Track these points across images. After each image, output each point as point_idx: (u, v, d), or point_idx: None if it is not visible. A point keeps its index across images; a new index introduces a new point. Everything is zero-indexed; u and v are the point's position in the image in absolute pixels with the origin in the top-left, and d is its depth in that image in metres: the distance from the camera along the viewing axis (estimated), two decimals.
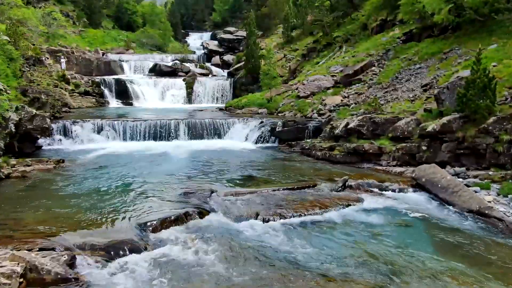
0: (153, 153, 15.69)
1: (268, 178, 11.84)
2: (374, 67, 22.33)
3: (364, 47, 25.42)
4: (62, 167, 12.83)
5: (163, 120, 18.87)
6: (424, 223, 8.70)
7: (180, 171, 12.53)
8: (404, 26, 25.32)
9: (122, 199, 9.41)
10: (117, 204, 9.02)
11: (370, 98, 19.11)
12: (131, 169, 12.65)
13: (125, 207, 8.78)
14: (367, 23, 30.62)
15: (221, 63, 40.15)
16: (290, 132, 18.08)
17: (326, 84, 22.82)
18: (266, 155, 15.72)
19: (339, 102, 20.40)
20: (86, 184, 10.74)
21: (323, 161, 14.28)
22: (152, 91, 31.42)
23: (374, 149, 13.17)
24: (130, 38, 48.57)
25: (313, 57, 32.15)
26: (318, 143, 15.46)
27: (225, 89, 32.53)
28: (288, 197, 9.80)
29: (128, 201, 9.26)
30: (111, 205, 8.95)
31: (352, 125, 13.93)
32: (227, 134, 19.08)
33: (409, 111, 14.39)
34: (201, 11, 75.48)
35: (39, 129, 14.90)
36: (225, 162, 14.15)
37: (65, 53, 32.91)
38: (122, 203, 9.06)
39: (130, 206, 8.85)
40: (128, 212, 8.46)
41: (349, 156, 13.70)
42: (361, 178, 11.66)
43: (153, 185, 10.71)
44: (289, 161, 14.38)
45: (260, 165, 13.79)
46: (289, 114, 21.41)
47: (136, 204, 9.00)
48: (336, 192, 10.42)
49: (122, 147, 16.82)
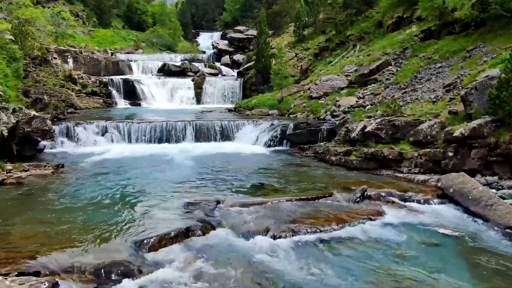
0: (158, 157, 14.93)
1: (279, 186, 10.95)
2: (391, 66, 21.23)
3: (380, 46, 24.31)
4: (61, 173, 12.13)
5: (169, 122, 18.11)
6: (456, 242, 7.70)
7: (184, 177, 11.72)
8: (421, 23, 24.14)
9: (119, 211, 8.62)
10: (114, 217, 8.23)
11: (387, 99, 18.06)
12: (133, 176, 11.88)
13: (122, 221, 7.98)
14: (382, 20, 29.47)
15: (231, 63, 39.34)
16: (302, 135, 17.14)
17: (339, 84, 21.80)
18: (276, 159, 14.82)
19: (353, 103, 19.38)
20: (83, 193, 9.98)
21: (338, 166, 13.32)
22: (161, 92, 30.78)
23: (394, 154, 12.16)
24: (140, 38, 48.14)
25: (325, 56, 31.13)
26: (333, 147, 14.50)
27: (235, 89, 31.74)
28: (301, 209, 8.89)
29: (126, 213, 8.46)
30: (107, 218, 8.17)
31: (369, 128, 12.94)
32: (236, 136, 18.22)
33: (431, 113, 13.33)
34: (211, 11, 74.99)
35: (40, 132, 14.25)
36: (233, 167, 13.30)
37: (73, 53, 32.47)
38: (119, 216, 8.27)
39: (127, 220, 8.05)
40: (125, 227, 7.66)
41: (366, 162, 12.72)
42: (381, 187, 10.69)
43: (155, 194, 9.91)
44: (302, 167, 13.45)
45: (270, 171, 12.90)
46: (301, 116, 20.46)
47: (134, 218, 8.20)
48: (354, 203, 9.47)
49: (126, 150, 16.08)
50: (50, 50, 30.53)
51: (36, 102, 16.97)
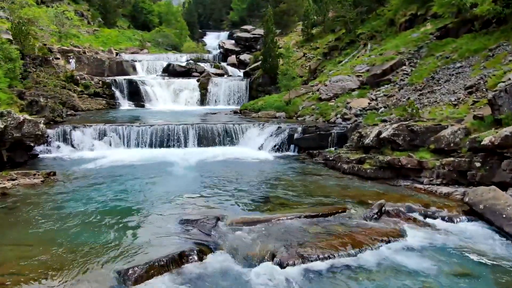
0: (157, 164, 14.02)
1: (286, 199, 9.94)
2: (405, 66, 20.08)
3: (393, 45, 23.16)
4: (51, 182, 11.26)
5: (171, 125, 17.22)
6: (492, 271, 6.62)
7: (184, 188, 10.77)
8: (437, 21, 22.96)
9: (108, 230, 7.69)
10: (100, 238, 7.31)
11: (402, 101, 16.96)
12: (128, 186, 10.96)
13: (109, 243, 7.05)
14: (394, 18, 28.34)
15: (237, 63, 38.39)
16: (311, 140, 16.11)
17: (350, 85, 20.71)
18: (283, 167, 13.81)
19: (366, 105, 18.29)
20: (71, 207, 9.08)
21: (350, 175, 12.27)
22: (165, 92, 29.96)
23: (413, 163, 11.07)
24: (145, 38, 47.47)
25: (335, 56, 30.04)
26: (344, 153, 13.45)
27: (241, 90, 30.81)
28: (312, 228, 7.88)
29: (114, 233, 7.53)
30: (92, 239, 7.24)
31: (385, 134, 11.86)
32: (241, 141, 17.26)
33: (453, 118, 12.21)
34: (218, 10, 74.28)
35: (33, 136, 13.44)
36: (236, 176, 12.32)
37: (76, 53, 31.77)
38: (106, 237, 7.34)
39: (115, 242, 7.11)
40: (111, 251, 6.72)
41: (381, 171, 11.65)
42: (399, 200, 9.64)
43: (150, 209, 8.98)
44: (311, 175, 12.42)
45: (277, 180, 11.90)
46: (309, 119, 19.42)
47: (123, 239, 7.26)
48: (370, 220, 8.43)
49: (125, 156, 15.21)
50: (53, 50, 29.89)
51: (32, 104, 16.17)
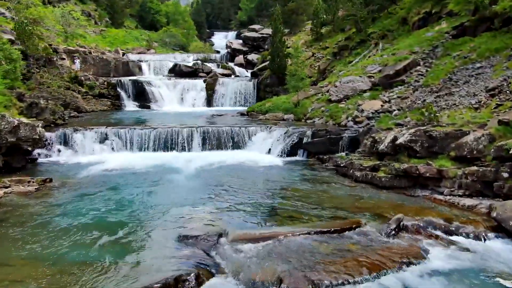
0: (160, 170, 13.38)
1: (295, 211, 9.21)
2: (419, 67, 19.18)
3: (406, 44, 22.24)
4: (46, 190, 10.68)
5: (175, 128, 16.58)
6: None
7: (184, 198, 10.10)
8: (452, 19, 22.00)
9: (99, 248, 7.03)
10: (89, 257, 6.65)
11: (417, 103, 16.08)
12: (126, 195, 10.32)
13: (98, 265, 6.38)
14: (407, 17, 27.38)
15: (244, 63, 37.73)
16: (321, 144, 15.34)
17: (362, 86, 19.86)
18: (292, 173, 13.06)
19: (378, 107, 17.43)
20: (63, 220, 8.45)
21: (364, 184, 11.47)
22: (171, 93, 29.40)
23: (432, 172, 10.25)
24: (153, 38, 47.05)
25: (345, 56, 29.20)
26: (357, 160, 12.65)
27: (248, 91, 30.15)
28: (323, 247, 7.13)
29: (106, 252, 6.86)
30: (81, 258, 6.60)
31: (401, 140, 11.04)
32: (248, 144, 16.55)
33: (475, 123, 11.35)
34: (226, 10, 73.81)
35: (30, 140, 12.89)
36: (242, 184, 11.61)
37: (82, 53, 31.37)
38: (95, 257, 6.67)
39: (105, 263, 6.45)
40: (99, 274, 6.06)
41: (397, 180, 10.83)
42: (418, 214, 8.84)
43: (146, 222, 8.31)
44: (321, 184, 11.65)
45: (285, 188, 11.16)
46: (319, 121, 18.62)
47: (114, 259, 6.58)
48: (387, 237, 7.66)
49: (126, 161, 14.61)
50: (59, 50, 29.52)
51: (32, 106, 15.66)
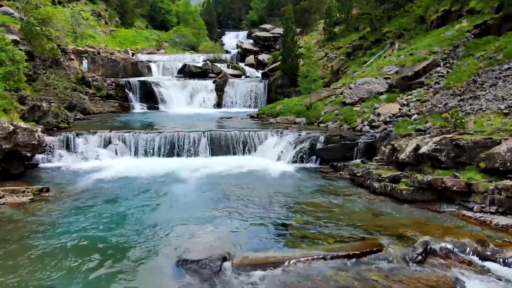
0: (164, 178, 12.66)
1: (307, 229, 8.35)
2: (440, 68, 18.11)
3: (425, 44, 21.14)
4: (41, 201, 10.02)
5: (181, 133, 15.87)
6: None
7: (187, 212, 9.32)
8: (474, 17, 20.83)
9: (86, 274, 6.29)
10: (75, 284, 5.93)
11: (438, 107, 15.05)
12: (125, 208, 9.60)
13: None
14: (425, 15, 26.22)
15: (255, 63, 36.94)
16: (335, 150, 14.44)
17: (378, 88, 18.87)
18: (304, 183, 12.19)
19: (396, 111, 16.45)
20: (53, 238, 7.72)
21: (382, 196, 10.54)
22: (180, 94, 28.81)
23: (460, 185, 9.28)
24: (163, 38, 46.60)
25: (359, 56, 28.20)
26: (375, 169, 11.72)
27: (259, 92, 29.38)
28: (341, 275, 6.28)
29: (93, 279, 6.13)
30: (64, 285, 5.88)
31: (425, 149, 10.09)
32: (257, 150, 15.74)
33: (506, 130, 10.33)
34: (237, 10, 73.28)
35: (29, 146, 12.30)
36: (250, 195, 10.79)
37: (90, 53, 30.96)
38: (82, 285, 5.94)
39: None
40: None
41: (420, 193, 9.89)
42: (446, 234, 7.91)
43: (144, 242, 7.55)
44: (336, 196, 10.75)
45: (297, 201, 10.30)
46: (332, 125, 17.70)
47: None
48: (413, 263, 6.76)
49: (130, 167, 13.97)
50: (67, 51, 29.18)
51: (34, 109, 15.12)
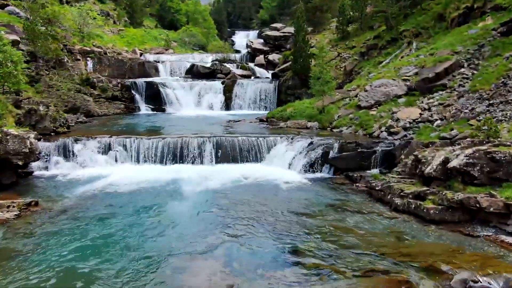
0: (166, 189, 11.72)
1: (322, 256, 7.27)
2: (464, 69, 16.79)
3: (446, 43, 19.79)
4: (28, 217, 9.14)
5: (185, 138, 14.90)
6: None
7: (187, 234, 8.32)
8: (499, 14, 19.44)
9: None
10: None
11: (463, 112, 13.79)
12: (118, 228, 8.63)
13: None
14: (444, 13, 24.79)
15: (265, 63, 35.86)
16: (351, 159, 13.31)
17: (396, 91, 17.63)
18: (317, 196, 11.09)
19: (416, 116, 15.21)
20: (32, 265, 6.84)
21: (406, 215, 9.38)
22: (187, 96, 27.90)
23: (497, 206, 8.10)
24: (172, 37, 45.86)
25: (373, 56, 26.91)
26: (396, 182, 10.55)
27: (269, 93, 28.32)
28: None
29: None
30: None
31: (456, 163, 8.90)
32: (266, 157, 14.66)
33: None
34: (248, 9, 72.48)
35: (21, 154, 11.46)
36: (258, 212, 9.73)
37: (97, 53, 30.26)
38: None
39: None
40: None
41: (450, 213, 8.72)
42: (485, 265, 6.78)
43: (132, 274, 6.58)
44: (353, 213, 9.63)
45: (309, 219, 9.21)
46: (347, 131, 16.53)
47: None
48: None
49: (130, 175, 13.07)
50: (73, 51, 28.55)
51: (30, 113, 14.31)
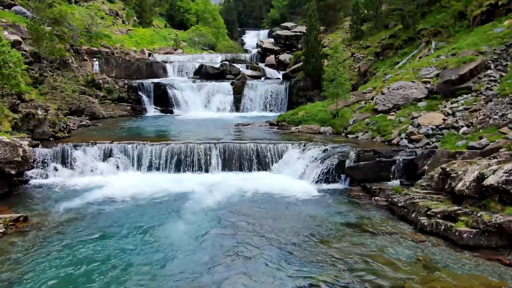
0: (167, 201, 10.88)
1: None
2: (490, 70, 15.56)
3: (469, 42, 18.50)
4: (14, 235, 8.32)
5: (190, 145, 14.02)
6: None
7: (190, 259, 7.40)
8: None
9: None
10: None
11: (492, 118, 12.60)
12: (111, 250, 7.74)
13: None
14: (465, 10, 23.42)
15: (276, 64, 34.83)
16: (368, 169, 12.24)
17: (415, 94, 16.47)
18: (332, 212, 10.06)
19: (439, 122, 14.05)
20: None
21: (434, 237, 8.28)
22: (195, 97, 27.09)
23: None
24: (181, 37, 45.18)
25: (389, 56, 25.69)
26: (421, 198, 9.45)
27: (279, 95, 27.38)
28: None
29: None
30: None
31: (493, 181, 7.79)
32: (276, 165, 13.68)
33: None
34: (258, 8, 71.73)
35: (14, 163, 10.70)
36: (266, 230, 8.76)
37: (104, 54, 29.64)
38: None
39: None
40: None
41: (486, 237, 7.62)
42: None
43: None
44: (372, 235, 8.55)
45: (324, 245, 8.13)
46: (363, 137, 15.44)
47: None
48: None
49: (131, 184, 12.24)
50: (81, 51, 27.99)
51: (28, 118, 13.60)
